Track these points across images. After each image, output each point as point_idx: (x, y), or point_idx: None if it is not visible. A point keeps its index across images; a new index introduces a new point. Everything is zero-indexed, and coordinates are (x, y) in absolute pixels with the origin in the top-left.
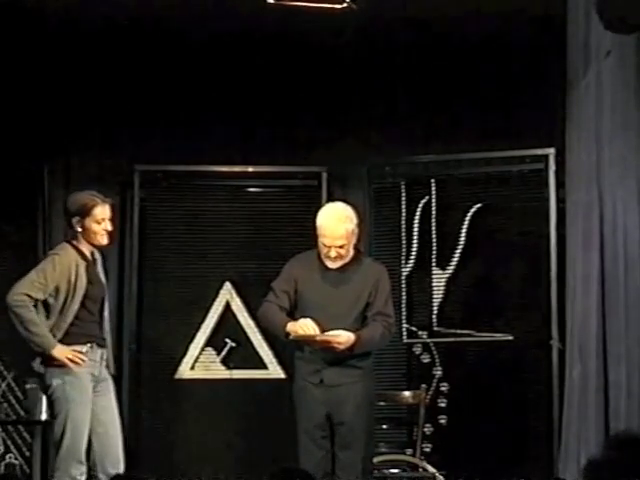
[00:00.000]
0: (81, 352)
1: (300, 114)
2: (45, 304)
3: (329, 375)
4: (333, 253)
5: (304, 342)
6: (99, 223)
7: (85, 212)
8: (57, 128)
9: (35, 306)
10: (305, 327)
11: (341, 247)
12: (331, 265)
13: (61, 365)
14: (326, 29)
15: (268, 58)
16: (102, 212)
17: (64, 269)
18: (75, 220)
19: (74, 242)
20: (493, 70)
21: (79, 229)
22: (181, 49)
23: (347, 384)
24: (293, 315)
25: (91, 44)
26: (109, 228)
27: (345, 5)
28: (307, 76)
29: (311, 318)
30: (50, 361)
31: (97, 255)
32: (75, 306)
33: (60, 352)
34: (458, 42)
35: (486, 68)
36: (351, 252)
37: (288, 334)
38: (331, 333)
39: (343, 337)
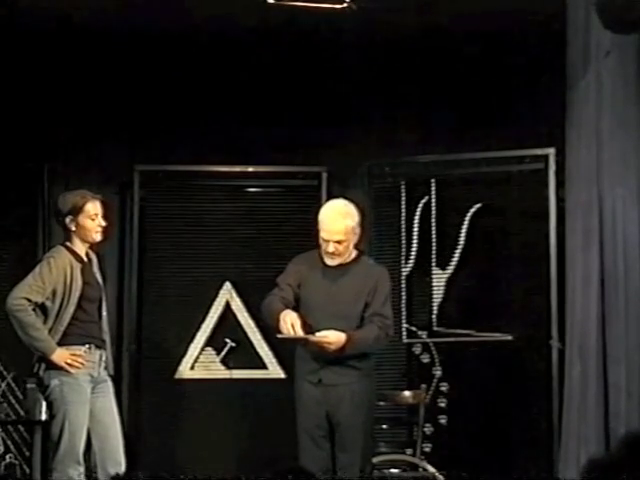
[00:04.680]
0: (80, 355)
1: (300, 114)
2: (42, 307)
3: (327, 375)
4: (331, 248)
5: (292, 342)
6: (92, 219)
7: (77, 210)
8: (57, 128)
9: (34, 310)
10: (287, 326)
11: (339, 242)
12: (330, 262)
13: (59, 367)
14: (326, 29)
15: (268, 58)
16: (94, 208)
17: (60, 271)
18: (68, 219)
19: (68, 244)
20: (493, 70)
21: (73, 228)
22: (181, 49)
23: (345, 384)
24: (298, 309)
25: (90, 44)
26: (103, 223)
27: (345, 5)
28: (307, 76)
29: (310, 316)
30: (49, 363)
31: (92, 255)
32: (71, 308)
33: (59, 357)
34: (458, 42)
35: (486, 68)
36: (352, 251)
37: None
38: (320, 334)
39: (332, 337)
